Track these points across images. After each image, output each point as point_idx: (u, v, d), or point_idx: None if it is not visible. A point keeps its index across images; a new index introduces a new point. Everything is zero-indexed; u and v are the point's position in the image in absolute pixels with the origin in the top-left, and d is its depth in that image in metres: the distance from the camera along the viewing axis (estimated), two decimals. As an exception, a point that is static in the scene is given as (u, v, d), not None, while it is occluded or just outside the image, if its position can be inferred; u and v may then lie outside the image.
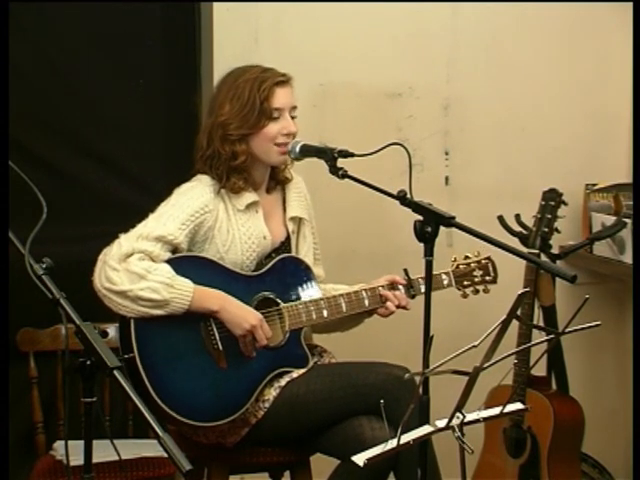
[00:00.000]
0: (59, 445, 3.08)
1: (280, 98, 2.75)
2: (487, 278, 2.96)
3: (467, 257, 2.95)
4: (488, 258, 2.96)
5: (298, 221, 2.91)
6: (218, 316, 2.63)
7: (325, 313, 2.77)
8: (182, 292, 2.58)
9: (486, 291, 2.96)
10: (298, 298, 2.79)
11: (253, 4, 3.40)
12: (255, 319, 2.65)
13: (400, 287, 2.85)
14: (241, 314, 2.65)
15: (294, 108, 2.80)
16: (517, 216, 3.39)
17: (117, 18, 3.36)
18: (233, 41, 3.38)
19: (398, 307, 2.83)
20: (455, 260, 2.94)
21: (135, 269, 2.56)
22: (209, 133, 2.77)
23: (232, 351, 2.66)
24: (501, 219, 3.37)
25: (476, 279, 2.94)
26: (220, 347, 2.65)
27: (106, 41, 3.36)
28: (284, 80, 2.77)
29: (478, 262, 2.95)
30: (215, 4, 3.39)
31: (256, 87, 2.73)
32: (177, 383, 2.59)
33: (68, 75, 3.34)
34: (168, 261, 2.63)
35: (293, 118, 2.79)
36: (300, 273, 2.83)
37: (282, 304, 2.75)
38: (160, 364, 2.59)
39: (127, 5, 3.35)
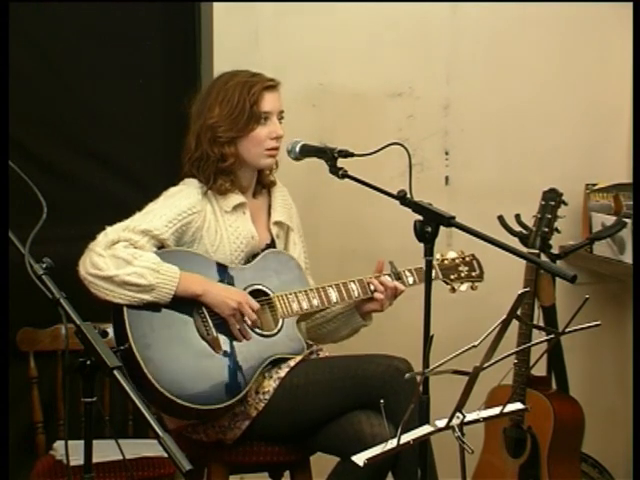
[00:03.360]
0: (59, 445, 3.08)
1: (269, 102, 2.79)
2: (473, 274, 2.99)
3: (451, 255, 3.00)
4: (472, 255, 3.00)
5: (286, 228, 2.93)
6: (203, 300, 2.65)
7: (315, 302, 2.80)
8: (168, 277, 2.60)
9: (474, 288, 2.99)
10: (288, 289, 2.80)
11: (253, 4, 3.40)
12: (240, 296, 2.69)
13: (387, 276, 2.87)
14: (225, 294, 2.67)
15: (281, 112, 2.83)
16: (517, 216, 3.39)
17: (117, 18, 3.36)
18: (233, 41, 3.38)
19: (389, 295, 2.83)
20: (441, 256, 2.97)
21: (121, 254, 2.59)
22: (198, 135, 2.80)
23: (227, 337, 2.68)
24: (501, 219, 3.37)
25: (462, 274, 2.98)
26: (214, 334, 2.66)
27: (106, 41, 3.36)
28: (273, 85, 2.81)
29: (462, 259, 2.99)
30: (215, 4, 3.39)
31: (246, 91, 2.76)
32: (175, 370, 2.59)
33: (68, 75, 3.34)
34: (155, 254, 2.65)
35: (280, 121, 2.82)
36: (289, 265, 2.87)
37: (272, 294, 2.77)
38: (156, 352, 2.59)
39: (127, 5, 3.36)
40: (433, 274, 2.85)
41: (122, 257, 2.58)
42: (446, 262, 2.97)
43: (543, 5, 3.65)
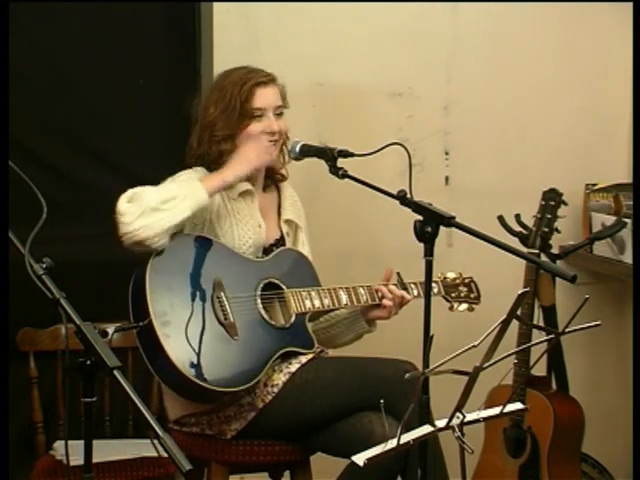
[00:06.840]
0: (59, 445, 3.08)
1: (261, 98, 2.79)
2: (472, 295, 3.05)
3: (450, 275, 3.05)
4: (470, 278, 3.05)
5: (295, 227, 2.94)
6: (231, 174, 2.70)
7: (327, 301, 2.80)
8: (191, 185, 2.63)
9: (471, 310, 3.02)
10: (301, 286, 2.81)
11: (253, 4, 3.40)
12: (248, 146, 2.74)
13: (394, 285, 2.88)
14: (238, 158, 2.73)
15: (279, 107, 2.83)
16: (517, 216, 3.39)
17: (117, 18, 3.36)
18: (233, 41, 3.39)
19: (396, 303, 2.84)
20: (442, 274, 3.01)
21: (142, 193, 2.58)
22: (199, 135, 2.84)
23: (243, 324, 2.67)
24: (501, 219, 3.37)
25: (462, 294, 3.02)
26: (231, 319, 2.65)
27: (106, 41, 3.36)
28: (265, 81, 2.81)
29: (462, 280, 3.04)
30: (215, 4, 3.39)
31: (237, 89, 2.78)
32: (192, 350, 2.57)
33: (68, 75, 3.34)
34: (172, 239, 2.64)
35: (279, 116, 2.82)
36: (303, 264, 2.88)
37: (285, 289, 2.78)
38: (174, 330, 2.56)
39: (127, 5, 3.36)
40: (435, 290, 2.97)
41: (144, 192, 2.58)
42: (447, 280, 3.02)
43: (543, 5, 3.66)
